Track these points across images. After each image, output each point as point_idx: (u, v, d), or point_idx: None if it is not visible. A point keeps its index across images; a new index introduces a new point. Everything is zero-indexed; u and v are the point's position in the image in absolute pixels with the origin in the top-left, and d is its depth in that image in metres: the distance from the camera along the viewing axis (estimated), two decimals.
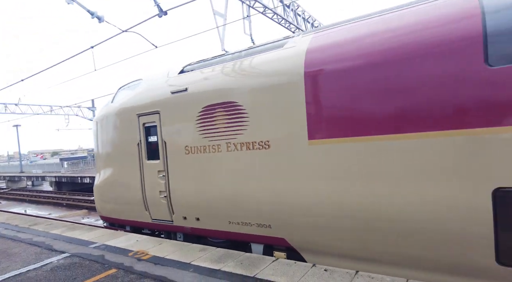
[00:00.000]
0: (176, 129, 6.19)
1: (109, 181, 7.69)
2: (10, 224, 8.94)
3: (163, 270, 4.66)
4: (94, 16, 6.88)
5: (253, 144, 5.17)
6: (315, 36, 4.97)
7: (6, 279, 4.82)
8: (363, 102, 4.15)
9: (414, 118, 3.83)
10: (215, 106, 5.52)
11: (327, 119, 4.44)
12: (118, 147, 7.43)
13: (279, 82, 4.85)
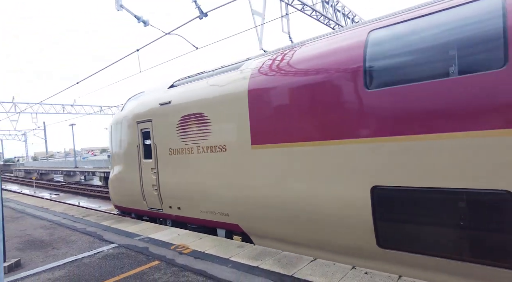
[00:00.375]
0: (163, 134, 7.49)
1: (118, 176, 9.19)
2: (67, 214, 9.79)
3: (203, 264, 4.81)
4: (140, 20, 7.29)
5: (215, 147, 6.36)
6: (259, 61, 6.06)
7: (66, 263, 5.29)
8: (282, 117, 5.27)
9: (318, 129, 4.84)
10: (189, 117, 6.79)
11: (262, 129, 5.57)
12: (124, 147, 8.89)
13: (231, 99, 6.00)
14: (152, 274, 4.57)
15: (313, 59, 5.09)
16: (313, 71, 4.99)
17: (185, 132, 6.94)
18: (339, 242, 4.75)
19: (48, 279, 4.69)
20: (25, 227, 8.37)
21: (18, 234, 7.65)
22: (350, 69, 4.52)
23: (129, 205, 9.09)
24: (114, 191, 9.57)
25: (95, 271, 4.84)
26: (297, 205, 5.12)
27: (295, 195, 5.14)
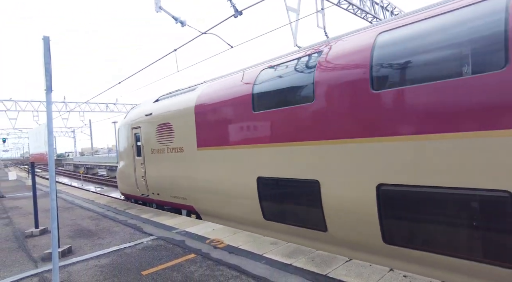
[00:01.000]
0: (147, 138, 9.82)
1: (122, 170, 11.86)
2: (110, 207, 10.43)
3: (237, 259, 4.89)
4: (178, 21, 7.53)
5: (176, 148, 8.53)
6: (206, 85, 8.09)
7: (110, 252, 5.65)
8: (215, 128, 7.18)
9: (233, 137, 6.81)
10: (162, 125, 9.04)
11: (203, 136, 7.58)
12: (125, 147, 11.44)
13: (185, 113, 8.10)
14: (189, 267, 4.73)
15: (231, 87, 7.03)
16: (228, 94, 6.96)
17: (160, 136, 9.22)
18: (244, 216, 6.83)
19: (95, 265, 5.04)
20: (74, 217, 9.05)
21: (69, 223, 8.29)
22: (246, 97, 6.46)
23: (129, 192, 11.61)
24: (120, 181, 12.24)
25: (136, 261, 5.12)
26: (224, 190, 7.16)
27: (225, 182, 7.10)
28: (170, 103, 9.02)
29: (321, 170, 5.12)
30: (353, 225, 4.78)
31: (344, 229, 4.94)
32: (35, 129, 6.74)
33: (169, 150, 8.89)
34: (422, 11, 4.33)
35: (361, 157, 4.55)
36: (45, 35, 3.79)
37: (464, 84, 3.59)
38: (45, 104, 4.07)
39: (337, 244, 5.14)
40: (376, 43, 4.53)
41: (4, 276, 4.89)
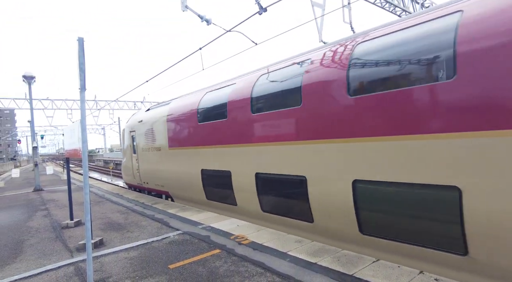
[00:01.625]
0: (140, 139, 12.79)
1: (124, 164, 15.15)
2: (138, 201, 10.80)
3: (261, 256, 4.91)
4: (203, 19, 7.63)
5: (157, 148, 11.35)
6: (176, 100, 10.76)
7: (139, 245, 5.86)
8: (176, 133, 9.99)
9: (190, 140, 9.37)
10: (148, 130, 12.00)
11: (171, 139, 10.28)
12: (126, 146, 14.59)
13: (161, 121, 10.90)
14: (214, 262, 4.81)
15: (186, 104, 9.67)
16: (185, 109, 9.64)
17: (147, 138, 12.11)
18: (195, 197, 9.42)
19: (125, 257, 5.25)
20: (105, 211, 9.46)
21: (100, 216, 8.68)
22: (194, 112, 9.12)
23: (129, 182, 14.79)
24: (123, 173, 15.61)
25: (163, 255, 5.27)
26: (185, 178, 9.69)
27: (184, 173, 9.67)
28: (154, 113, 11.99)
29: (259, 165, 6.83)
30: (334, 217, 5.29)
31: (327, 221, 5.45)
32: (70, 127, 7.09)
33: (152, 149, 11.77)
34: (394, 24, 4.85)
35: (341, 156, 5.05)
36: (79, 37, 3.96)
37: (422, 92, 4.04)
38: (79, 102, 4.26)
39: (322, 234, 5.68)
40: (353, 53, 5.02)
41: (44, 264, 5.20)
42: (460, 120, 3.66)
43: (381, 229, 4.62)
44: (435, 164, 3.89)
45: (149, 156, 12.03)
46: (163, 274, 4.48)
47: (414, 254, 4.26)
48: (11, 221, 8.72)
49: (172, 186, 10.72)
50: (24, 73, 16.33)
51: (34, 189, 16.33)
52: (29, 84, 16.54)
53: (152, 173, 11.94)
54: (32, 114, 17.90)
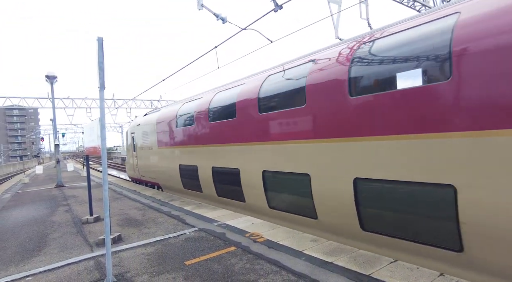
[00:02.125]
0: (138, 140, 15.35)
1: (127, 160, 18.15)
2: (155, 198, 11.00)
3: (276, 254, 4.90)
4: (219, 18, 7.66)
5: (150, 147, 13.64)
6: (163, 108, 13.64)
7: (156, 241, 5.97)
8: (165, 134, 12.10)
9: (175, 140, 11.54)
10: (143, 132, 14.41)
11: (159, 140, 12.63)
12: (129, 145, 17.36)
13: (152, 124, 13.27)
14: (229, 259, 4.84)
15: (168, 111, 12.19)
16: (167, 116, 12.01)
17: (143, 139, 14.64)
18: (177, 187, 11.54)
19: (142, 253, 5.36)
20: (123, 207, 9.69)
21: (118, 212, 8.89)
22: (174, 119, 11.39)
23: (131, 175, 17.67)
24: (127, 168, 18.69)
25: (179, 251, 5.34)
26: (168, 171, 12.00)
27: (168, 167, 11.97)
28: (148, 117, 14.64)
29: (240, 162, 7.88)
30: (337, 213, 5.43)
31: (330, 217, 5.60)
32: (90, 124, 7.29)
33: (147, 147, 14.24)
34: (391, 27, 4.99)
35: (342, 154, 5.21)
36: (99, 37, 4.05)
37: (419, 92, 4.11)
38: (97, 101, 4.36)
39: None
40: (354, 56, 5.15)
41: (66, 257, 5.39)
42: (457, 121, 3.73)
43: (380, 226, 4.77)
44: (431, 163, 3.98)
45: (144, 154, 14.62)
46: (180, 270, 4.54)
47: (413, 249, 4.34)
48: (36, 215, 9.07)
49: (160, 177, 13.30)
50: (46, 73, 16.90)
51: (56, 185, 16.92)
52: (51, 83, 17.11)
53: (147, 168, 14.57)
54: (54, 112, 18.51)
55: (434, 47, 4.10)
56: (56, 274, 4.68)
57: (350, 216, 5.10)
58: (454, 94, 3.76)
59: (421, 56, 4.24)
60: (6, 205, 11.68)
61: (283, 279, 4.06)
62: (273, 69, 7.28)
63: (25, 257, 5.52)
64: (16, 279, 4.59)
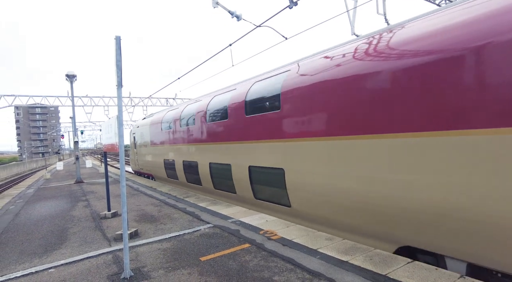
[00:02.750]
0: (138, 139, 19.80)
1: (131, 157, 22.90)
2: (171, 195, 11.17)
3: (291, 252, 4.89)
4: (234, 15, 7.66)
5: (145, 144, 18.16)
6: (156, 114, 17.77)
7: (171, 237, 6.07)
8: (154, 135, 16.37)
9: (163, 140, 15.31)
10: (141, 133, 18.90)
11: (151, 139, 16.98)
12: (131, 144, 21.77)
13: (147, 126, 17.70)
14: (244, 256, 4.86)
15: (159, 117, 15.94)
16: (157, 121, 16.10)
17: (141, 138, 18.67)
18: (163, 176, 15.84)
19: (158, 248, 5.45)
20: (140, 203, 9.88)
21: (135, 208, 9.08)
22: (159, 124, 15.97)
23: (134, 168, 21.87)
24: (131, 162, 23.55)
25: (194, 247, 5.41)
26: (157, 164, 15.98)
27: (156, 161, 15.82)
28: (145, 121, 18.54)
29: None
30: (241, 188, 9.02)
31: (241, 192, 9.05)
32: (107, 122, 7.45)
33: (144, 145, 18.30)
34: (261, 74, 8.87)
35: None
36: (116, 35, 4.12)
37: (269, 115, 7.47)
38: (115, 99, 4.45)
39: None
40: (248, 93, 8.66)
41: (86, 250, 5.55)
42: (283, 133, 7.05)
43: (261, 195, 8.16)
44: (275, 156, 7.33)
45: (142, 150, 18.97)
46: (195, 266, 4.60)
47: (273, 208, 7.78)
48: (57, 210, 9.38)
49: (152, 169, 17.53)
50: (66, 72, 17.38)
51: (75, 181, 17.43)
52: (71, 82, 17.59)
53: (143, 161, 18.81)
54: (74, 110, 19.04)
55: (275, 90, 7.35)
56: (77, 266, 4.83)
57: (248, 188, 8.56)
58: (282, 117, 7.02)
59: (271, 96, 7.47)
60: (29, 199, 12.13)
61: (297, 277, 4.05)
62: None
63: (47, 250, 5.73)
64: (40, 270, 4.76)
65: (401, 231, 4.75)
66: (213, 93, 11.23)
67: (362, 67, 5.18)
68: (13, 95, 30.84)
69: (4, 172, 41.09)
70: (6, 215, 9.20)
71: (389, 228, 4.94)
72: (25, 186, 18.17)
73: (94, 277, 4.42)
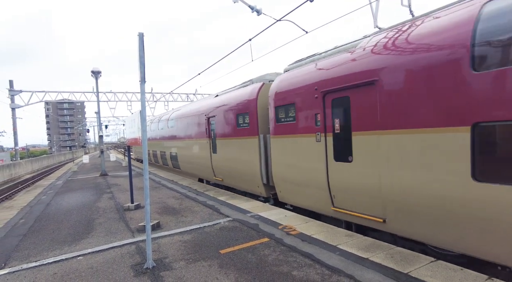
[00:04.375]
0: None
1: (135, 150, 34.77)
2: (191, 188, 11.39)
3: (310, 248, 4.88)
4: (254, 10, 7.64)
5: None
6: (152, 116, 29.17)
7: (192, 229, 6.21)
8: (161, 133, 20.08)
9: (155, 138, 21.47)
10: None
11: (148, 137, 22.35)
12: None
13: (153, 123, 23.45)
14: (263, 250, 4.90)
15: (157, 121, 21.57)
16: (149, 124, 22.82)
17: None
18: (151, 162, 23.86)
19: (179, 240, 5.59)
20: (161, 196, 10.15)
21: (157, 201, 9.33)
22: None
23: (136, 157, 32.88)
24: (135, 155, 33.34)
25: (214, 240, 5.50)
26: (166, 155, 18.78)
27: (162, 152, 19.67)
28: (153, 118, 22.90)
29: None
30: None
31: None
32: (131, 117, 7.66)
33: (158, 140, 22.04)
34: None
35: None
36: (140, 32, 4.22)
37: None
38: (137, 94, 4.56)
39: None
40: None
41: (111, 240, 5.78)
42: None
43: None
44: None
45: (154, 144, 22.83)
46: (215, 258, 4.69)
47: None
48: (84, 201, 9.80)
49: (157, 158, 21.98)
50: (92, 69, 17.98)
51: (100, 173, 18.11)
52: (96, 78, 18.19)
53: (140, 153, 22.52)
54: (99, 106, 19.71)
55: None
56: (103, 255, 5.05)
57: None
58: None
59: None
60: (59, 190, 12.74)
61: (316, 272, 4.04)
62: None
63: (76, 238, 6.01)
64: (69, 258, 5.02)
65: None
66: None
67: None
68: (43, 91, 32.31)
69: (36, 164, 43.29)
70: (38, 205, 9.72)
71: None
72: (54, 177, 19.10)
73: (119, 266, 4.60)
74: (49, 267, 4.69)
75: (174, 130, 16.47)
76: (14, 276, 4.47)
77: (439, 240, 4.38)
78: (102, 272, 4.43)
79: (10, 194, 23.37)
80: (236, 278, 4.01)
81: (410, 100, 4.49)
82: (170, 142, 17.43)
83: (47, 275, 4.44)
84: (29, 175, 36.24)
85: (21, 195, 12.71)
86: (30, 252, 5.41)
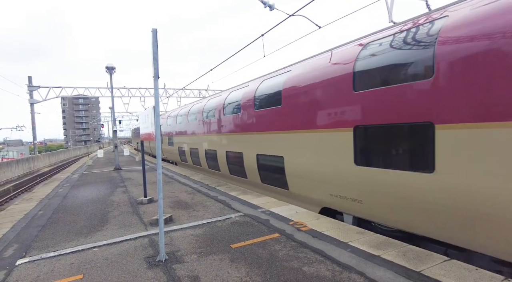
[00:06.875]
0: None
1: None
2: (203, 183, 11.51)
3: (320, 244, 4.88)
4: (266, 5, 7.60)
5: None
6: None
7: (204, 224, 6.29)
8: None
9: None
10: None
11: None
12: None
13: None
14: (273, 245, 4.93)
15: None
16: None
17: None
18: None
19: (191, 234, 5.68)
20: (174, 190, 10.30)
21: (170, 195, 9.48)
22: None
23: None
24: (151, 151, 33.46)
25: (226, 234, 5.57)
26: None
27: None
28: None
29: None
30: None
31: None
32: (144, 112, 7.78)
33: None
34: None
35: None
36: (153, 28, 4.27)
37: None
38: (150, 90, 4.63)
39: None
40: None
41: (125, 233, 5.92)
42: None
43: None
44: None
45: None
46: (226, 252, 4.74)
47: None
48: (99, 195, 10.05)
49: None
50: (106, 65, 18.29)
51: (114, 168, 18.49)
52: (110, 74, 18.50)
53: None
54: (113, 101, 20.06)
55: None
56: (117, 247, 5.18)
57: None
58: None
59: None
60: (75, 184, 13.09)
61: (327, 268, 4.04)
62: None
63: (91, 230, 6.18)
64: (85, 249, 5.17)
65: None
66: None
67: None
68: (60, 87, 33.07)
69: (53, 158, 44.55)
70: (56, 197, 10.03)
71: None
72: (70, 171, 19.62)
73: (133, 258, 4.71)
74: (67, 257, 4.85)
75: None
76: (34, 264, 4.65)
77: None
78: (116, 263, 4.55)
79: (30, 187, 24.16)
80: (247, 272, 4.06)
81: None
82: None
83: (65, 264, 4.59)
84: (46, 168, 37.34)
85: (39, 188, 13.12)
86: (49, 242, 5.60)
